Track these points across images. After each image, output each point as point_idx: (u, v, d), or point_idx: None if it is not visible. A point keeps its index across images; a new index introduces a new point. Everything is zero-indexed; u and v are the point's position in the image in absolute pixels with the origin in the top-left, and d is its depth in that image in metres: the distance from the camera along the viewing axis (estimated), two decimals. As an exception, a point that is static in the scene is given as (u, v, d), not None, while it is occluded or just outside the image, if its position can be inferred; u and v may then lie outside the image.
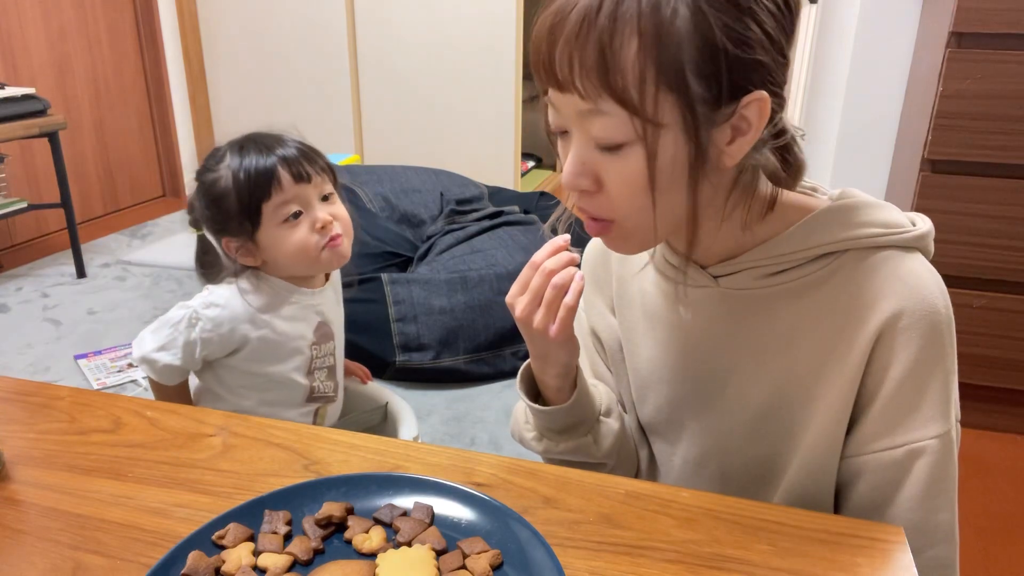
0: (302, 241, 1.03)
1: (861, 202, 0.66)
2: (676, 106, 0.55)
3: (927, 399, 0.63)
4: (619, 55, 0.54)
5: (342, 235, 1.06)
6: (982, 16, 1.62)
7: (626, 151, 0.58)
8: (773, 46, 0.57)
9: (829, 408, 0.65)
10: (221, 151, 1.05)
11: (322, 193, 1.06)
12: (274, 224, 1.03)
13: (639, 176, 0.58)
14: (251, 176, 1.01)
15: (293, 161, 1.02)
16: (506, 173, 3.57)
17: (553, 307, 0.65)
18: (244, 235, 1.04)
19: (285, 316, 1.09)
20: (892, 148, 2.22)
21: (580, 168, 0.60)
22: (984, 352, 1.82)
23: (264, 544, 0.58)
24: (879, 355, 0.63)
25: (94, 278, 2.78)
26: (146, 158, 3.69)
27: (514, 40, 3.37)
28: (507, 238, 2.38)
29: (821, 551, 0.58)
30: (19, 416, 0.77)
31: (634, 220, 0.61)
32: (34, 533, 0.61)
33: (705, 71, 0.55)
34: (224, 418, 0.77)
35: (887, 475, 0.65)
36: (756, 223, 0.65)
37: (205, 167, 1.05)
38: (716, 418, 0.72)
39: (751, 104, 0.57)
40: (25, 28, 3.01)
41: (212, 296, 1.07)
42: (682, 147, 0.57)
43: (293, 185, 1.02)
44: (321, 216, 1.04)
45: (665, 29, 0.53)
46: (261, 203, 1.01)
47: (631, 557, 0.58)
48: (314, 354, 1.13)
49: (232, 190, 1.01)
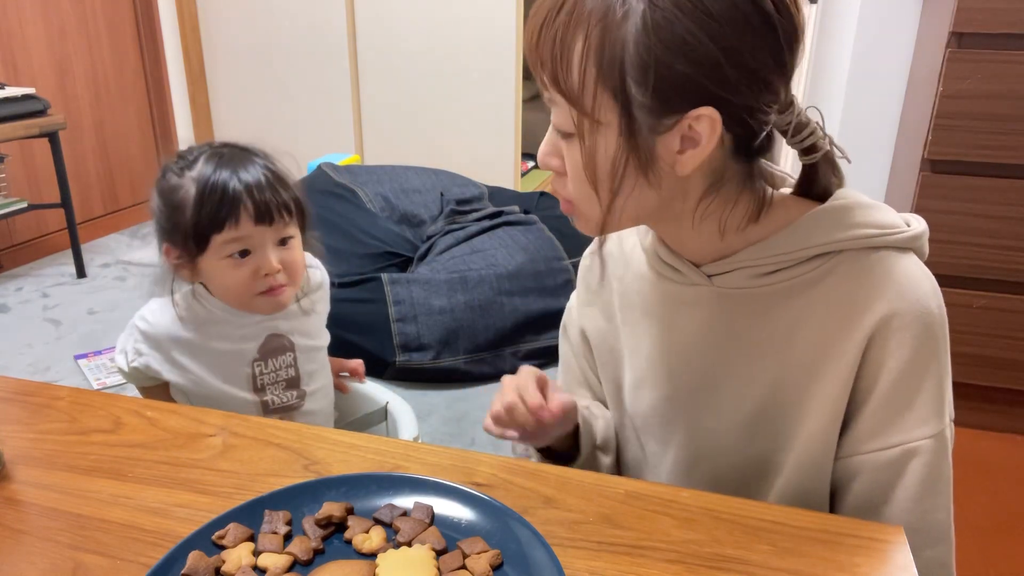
0: (241, 282, 0.97)
1: (856, 203, 0.66)
2: (615, 108, 0.58)
3: (921, 399, 0.63)
4: (568, 52, 0.58)
5: (286, 285, 1.00)
6: (982, 16, 1.62)
7: (573, 140, 0.61)
8: (731, 61, 0.55)
9: (823, 408, 0.65)
10: (193, 155, 0.98)
11: (280, 236, 0.98)
12: (218, 256, 0.96)
13: (578, 165, 0.61)
14: (212, 202, 0.94)
15: (260, 198, 0.95)
16: (506, 173, 3.57)
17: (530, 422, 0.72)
18: (186, 254, 0.98)
19: (217, 335, 1.03)
20: (892, 148, 2.21)
21: (548, 148, 0.65)
22: (984, 352, 1.81)
23: (264, 544, 0.58)
24: (873, 355, 0.63)
25: (94, 278, 2.78)
26: (146, 158, 3.69)
27: (514, 40, 3.37)
28: (507, 238, 2.38)
29: (821, 551, 0.58)
30: (19, 416, 0.77)
31: (584, 205, 0.64)
32: (34, 533, 0.61)
33: (645, 79, 0.56)
34: (224, 418, 0.77)
35: (882, 475, 0.65)
36: (740, 227, 0.66)
37: (172, 167, 0.99)
38: (710, 417, 0.72)
39: (701, 118, 0.57)
40: (25, 28, 3.01)
41: (146, 308, 1.05)
42: (618, 147, 0.59)
43: (251, 225, 0.95)
44: (268, 263, 0.97)
45: (611, 34, 0.55)
46: (212, 234, 0.95)
47: (631, 557, 0.58)
48: (258, 371, 1.05)
49: (189, 207, 0.95)
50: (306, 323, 1.11)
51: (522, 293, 2.19)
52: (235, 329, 1.04)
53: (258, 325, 1.05)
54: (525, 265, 2.25)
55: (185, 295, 1.03)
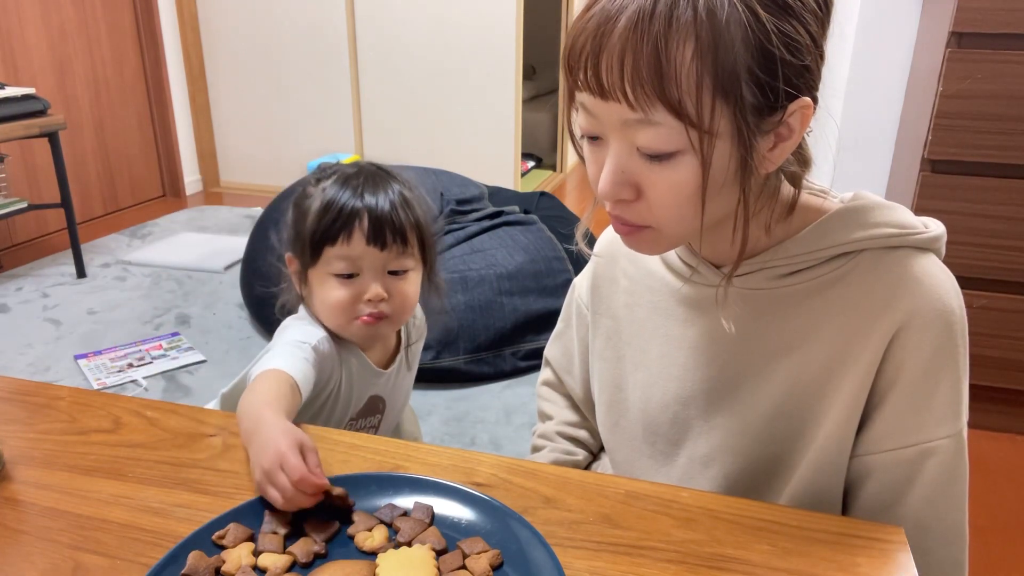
0: (341, 302, 0.93)
1: (875, 203, 0.66)
2: (729, 115, 0.54)
3: (940, 399, 0.63)
4: (675, 62, 0.52)
5: (388, 316, 0.94)
6: (982, 16, 1.62)
7: (676, 160, 0.56)
8: (817, 49, 0.56)
9: (841, 407, 0.65)
10: (333, 169, 0.98)
11: (391, 266, 0.94)
12: (326, 270, 0.94)
13: (688, 185, 0.56)
14: (331, 215, 0.92)
15: (378, 219, 0.91)
16: (506, 173, 3.57)
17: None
18: (302, 264, 0.97)
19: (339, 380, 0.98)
20: (892, 148, 2.22)
21: (620, 177, 0.58)
22: (984, 352, 1.81)
23: (264, 544, 0.58)
24: (893, 354, 0.62)
25: (94, 278, 2.78)
26: (146, 158, 3.69)
27: (514, 40, 3.37)
28: (507, 238, 2.38)
29: (821, 551, 0.58)
30: (19, 416, 0.77)
31: (674, 227, 0.60)
32: (34, 533, 0.61)
33: (759, 78, 0.53)
34: (224, 418, 0.77)
35: (897, 474, 0.64)
36: (769, 228, 0.65)
37: (311, 179, 0.99)
38: (726, 417, 0.71)
39: (796, 111, 0.56)
40: (25, 28, 3.01)
41: (299, 330, 0.95)
42: (730, 156, 0.56)
43: (363, 245, 0.91)
44: (371, 289, 0.92)
45: (721, 34, 0.51)
46: (325, 245, 0.92)
47: (631, 557, 0.58)
48: (349, 428, 1.01)
49: (312, 217, 0.93)
50: (406, 382, 1.07)
51: (522, 293, 2.19)
52: (352, 379, 0.99)
53: (366, 382, 1.00)
54: (525, 265, 2.25)
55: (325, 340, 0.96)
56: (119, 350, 2.23)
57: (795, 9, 0.54)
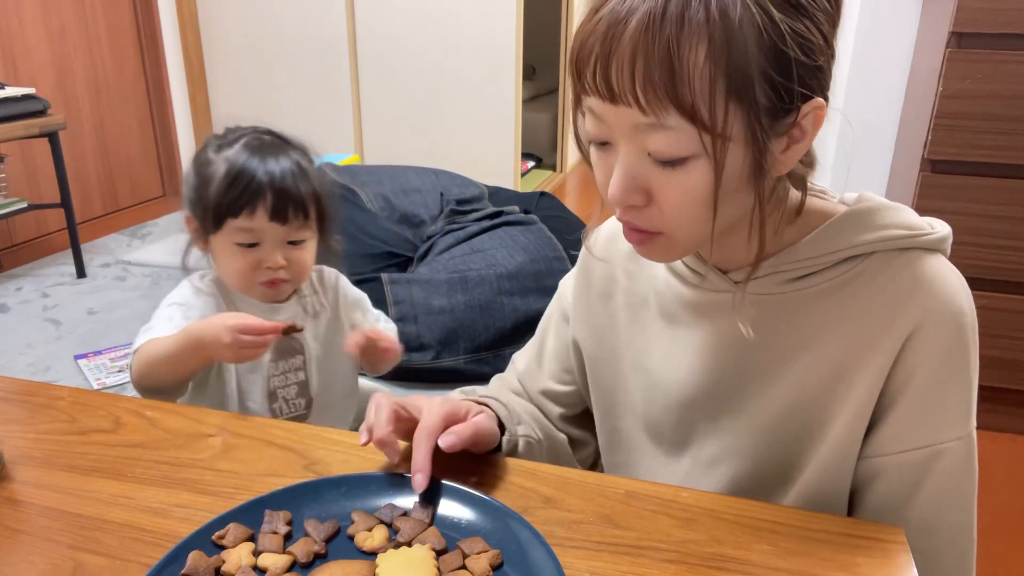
0: (242, 269, 0.99)
1: (881, 204, 0.65)
2: (743, 118, 0.53)
3: (951, 401, 0.62)
4: (687, 65, 0.50)
5: (287, 280, 1.01)
6: (982, 16, 1.62)
7: (688, 165, 0.55)
8: (829, 49, 0.55)
9: (850, 409, 0.64)
10: (235, 136, 1.00)
11: (292, 237, 0.99)
12: (228, 239, 0.98)
13: (701, 190, 0.55)
14: (235, 187, 0.95)
15: (281, 195, 0.96)
16: (506, 173, 3.57)
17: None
18: (202, 229, 1.00)
19: None
20: (892, 148, 2.21)
21: (631, 183, 0.57)
22: (984, 352, 1.79)
23: (264, 544, 0.58)
24: (906, 357, 0.62)
25: (94, 278, 2.78)
26: (146, 158, 3.69)
27: (514, 40, 3.37)
28: (507, 238, 2.38)
29: (821, 551, 0.58)
30: (19, 416, 0.77)
31: (686, 232, 0.59)
32: (34, 533, 0.60)
33: (773, 80, 0.53)
34: (224, 418, 0.77)
35: (906, 476, 0.64)
36: (779, 232, 0.65)
37: (212, 142, 1.01)
38: (733, 421, 0.71)
39: (809, 112, 0.56)
40: (25, 28, 3.01)
41: (178, 292, 1.05)
42: (743, 159, 0.55)
43: (265, 220, 0.96)
44: (271, 259, 0.98)
45: (734, 35, 0.50)
46: (227, 217, 0.96)
47: (631, 557, 0.58)
48: (270, 372, 1.04)
49: (214, 186, 0.96)
50: (316, 327, 1.10)
51: (522, 293, 2.19)
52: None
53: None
54: (525, 265, 2.25)
55: (215, 281, 1.05)
56: (119, 350, 2.23)
57: (808, 8, 0.53)
